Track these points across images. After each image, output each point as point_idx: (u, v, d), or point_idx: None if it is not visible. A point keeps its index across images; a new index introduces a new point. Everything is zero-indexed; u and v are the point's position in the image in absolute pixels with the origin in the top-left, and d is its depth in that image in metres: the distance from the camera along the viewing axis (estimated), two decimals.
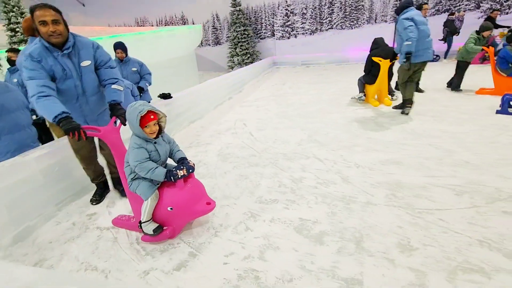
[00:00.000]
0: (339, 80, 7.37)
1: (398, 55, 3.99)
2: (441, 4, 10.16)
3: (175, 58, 7.50)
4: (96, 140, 2.36)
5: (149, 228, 1.78)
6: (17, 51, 3.30)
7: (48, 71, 1.86)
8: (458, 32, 8.68)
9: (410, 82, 4.04)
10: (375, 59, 4.38)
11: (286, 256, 1.61)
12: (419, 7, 4.45)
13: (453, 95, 4.88)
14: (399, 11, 3.87)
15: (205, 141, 3.73)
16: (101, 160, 2.47)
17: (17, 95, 2.39)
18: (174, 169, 1.72)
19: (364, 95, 4.84)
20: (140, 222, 1.81)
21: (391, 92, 4.97)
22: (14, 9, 8.17)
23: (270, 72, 10.52)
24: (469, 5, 9.98)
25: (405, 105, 4.07)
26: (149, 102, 3.89)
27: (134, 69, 3.78)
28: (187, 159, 1.87)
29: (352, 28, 11.17)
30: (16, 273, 0.89)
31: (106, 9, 13.44)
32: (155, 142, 1.78)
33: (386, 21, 10.73)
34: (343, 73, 8.50)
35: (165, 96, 4.16)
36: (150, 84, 3.98)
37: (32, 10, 1.81)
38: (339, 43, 11.33)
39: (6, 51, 3.32)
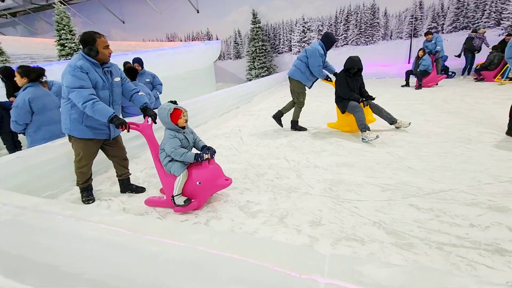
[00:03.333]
0: None
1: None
2: (458, 21, 10.17)
3: (192, 70, 8.40)
4: None
5: (181, 200, 2.24)
6: None
7: (92, 81, 2.27)
8: (478, 50, 8.64)
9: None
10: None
11: (223, 223, 2.14)
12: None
13: (450, 110, 5.08)
14: None
15: None
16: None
17: (54, 98, 3.19)
18: (200, 153, 2.26)
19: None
20: (172, 196, 2.25)
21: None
22: (65, 28, 9.74)
23: (285, 85, 11.07)
24: (489, 22, 9.88)
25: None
26: None
27: (148, 80, 4.55)
28: (207, 146, 2.41)
29: (367, 44, 11.46)
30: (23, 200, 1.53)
31: (142, 26, 15.09)
32: (184, 132, 2.35)
33: (401, 38, 10.90)
34: None
35: (172, 103, 4.88)
36: (160, 93, 4.74)
37: (98, 37, 2.27)
38: None
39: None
